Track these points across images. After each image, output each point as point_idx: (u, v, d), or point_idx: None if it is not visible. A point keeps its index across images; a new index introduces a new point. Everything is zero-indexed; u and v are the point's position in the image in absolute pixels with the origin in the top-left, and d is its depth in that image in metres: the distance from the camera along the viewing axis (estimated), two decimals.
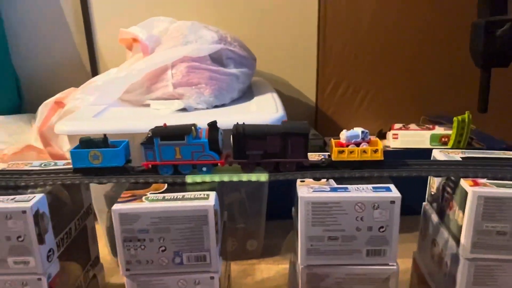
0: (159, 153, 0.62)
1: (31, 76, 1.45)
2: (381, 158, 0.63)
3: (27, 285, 0.60)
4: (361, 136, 0.64)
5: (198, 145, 0.62)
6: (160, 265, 0.58)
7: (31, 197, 0.59)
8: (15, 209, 0.56)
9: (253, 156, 0.63)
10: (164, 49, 1.06)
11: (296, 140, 0.62)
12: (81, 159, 0.63)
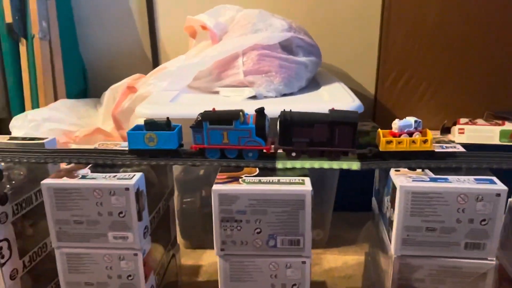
0: (207, 137, 0.63)
1: (95, 63, 1.50)
2: (430, 148, 0.61)
3: (124, 259, 0.62)
4: (414, 125, 0.62)
5: (245, 131, 0.62)
6: (254, 247, 0.59)
7: (132, 175, 0.61)
8: (119, 186, 0.59)
9: (299, 143, 0.62)
10: (234, 37, 1.06)
11: (344, 129, 0.61)
12: (137, 140, 0.65)
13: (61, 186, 0.59)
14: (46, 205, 0.61)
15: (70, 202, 0.60)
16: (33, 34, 1.28)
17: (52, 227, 0.62)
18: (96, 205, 0.60)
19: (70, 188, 0.59)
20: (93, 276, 0.63)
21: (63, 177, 0.61)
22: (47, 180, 0.60)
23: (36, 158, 0.67)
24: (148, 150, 0.65)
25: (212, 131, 0.63)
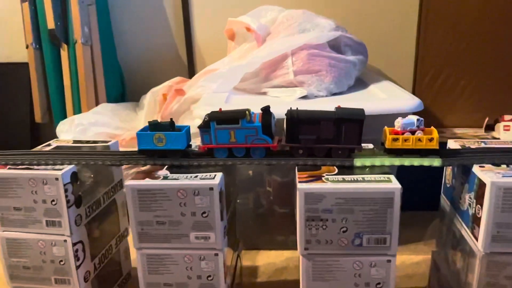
0: (215, 137, 0.64)
1: (131, 67, 1.51)
2: (436, 147, 0.61)
3: (205, 259, 0.63)
4: (416, 124, 0.63)
5: (251, 129, 0.63)
6: (339, 246, 0.58)
7: (213, 175, 0.61)
8: (204, 186, 0.59)
9: (306, 140, 0.63)
10: (281, 38, 1.06)
11: (350, 126, 0.62)
12: (146, 141, 0.66)
13: (145, 187, 0.60)
14: (129, 207, 0.61)
15: (154, 203, 0.60)
16: (75, 39, 1.29)
17: (134, 228, 0.62)
18: (180, 206, 0.60)
19: (154, 189, 0.60)
20: (173, 277, 0.64)
21: (144, 178, 0.61)
22: (130, 181, 0.60)
23: (111, 161, 0.67)
24: (157, 150, 0.66)
25: (219, 131, 0.64)
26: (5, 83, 1.47)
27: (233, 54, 1.17)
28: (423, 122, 0.63)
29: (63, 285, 0.70)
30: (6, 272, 0.71)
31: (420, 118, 0.63)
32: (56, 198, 0.66)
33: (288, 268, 0.92)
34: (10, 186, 0.66)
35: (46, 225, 0.67)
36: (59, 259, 0.69)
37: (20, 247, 0.69)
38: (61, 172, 0.65)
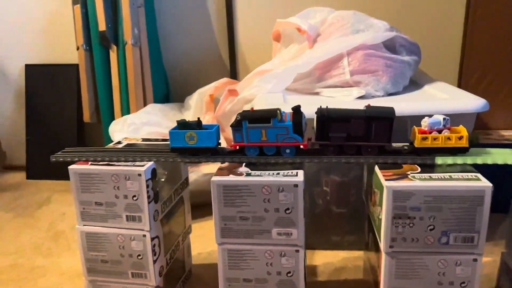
0: (247, 135, 0.65)
1: (174, 69, 1.54)
2: (466, 145, 0.61)
3: (285, 255, 0.63)
4: (443, 123, 0.63)
5: (282, 128, 0.64)
6: (425, 244, 0.58)
7: (295, 172, 0.62)
8: (288, 183, 0.60)
9: (336, 138, 0.64)
10: (335, 38, 1.07)
11: (380, 124, 0.62)
12: (178, 139, 0.68)
13: (230, 183, 0.61)
14: (214, 202, 0.62)
15: (238, 199, 0.61)
16: (126, 40, 1.32)
17: (217, 224, 0.63)
18: (264, 202, 0.61)
19: (240, 185, 0.61)
20: (253, 272, 0.65)
21: (228, 175, 0.62)
22: (216, 177, 0.62)
23: (190, 158, 0.69)
24: (188, 148, 0.68)
25: (251, 130, 0.65)
26: (54, 84, 1.51)
27: (283, 55, 1.18)
28: (449, 121, 0.64)
29: (139, 279, 0.72)
30: (84, 265, 0.73)
31: (446, 117, 0.63)
32: (137, 194, 0.67)
33: (347, 268, 0.92)
34: (93, 181, 0.68)
35: (126, 219, 0.69)
36: (137, 253, 0.70)
37: (100, 241, 0.71)
38: (144, 168, 0.66)
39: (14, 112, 1.59)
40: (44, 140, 1.53)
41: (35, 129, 1.53)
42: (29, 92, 1.53)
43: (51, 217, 1.21)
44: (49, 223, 1.18)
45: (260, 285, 0.65)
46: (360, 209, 0.99)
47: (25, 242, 1.08)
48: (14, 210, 1.27)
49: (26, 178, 1.53)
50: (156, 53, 1.45)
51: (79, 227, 0.71)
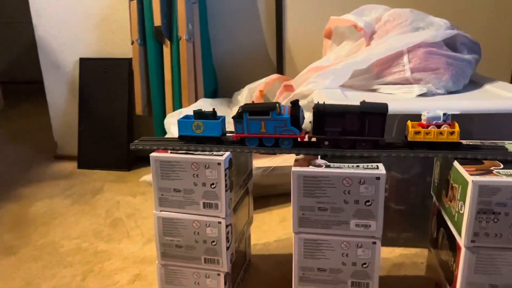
0: (247, 127, 0.69)
1: (222, 64, 1.56)
2: (457, 140, 0.63)
3: (362, 247, 0.64)
4: (443, 118, 0.65)
5: (281, 121, 0.67)
6: (508, 240, 0.58)
7: (375, 165, 0.63)
8: (370, 175, 0.61)
9: (331, 132, 0.66)
10: (394, 35, 1.07)
11: (374, 119, 0.65)
12: (186, 128, 0.72)
13: (311, 174, 0.63)
14: (293, 192, 0.64)
15: (318, 190, 0.63)
16: (180, 36, 1.35)
17: (295, 213, 0.65)
18: (344, 193, 0.62)
19: (320, 176, 0.62)
20: (328, 262, 0.66)
21: (307, 166, 0.64)
22: (297, 168, 0.63)
23: (265, 150, 0.70)
24: (195, 136, 0.72)
25: (251, 122, 0.69)
26: (106, 77, 1.56)
27: (338, 52, 1.19)
28: (450, 117, 0.65)
29: (212, 265, 0.74)
30: (159, 249, 0.76)
31: (446, 113, 0.65)
32: (216, 182, 0.70)
33: (405, 264, 0.93)
34: (173, 169, 0.71)
35: (203, 206, 0.72)
36: (211, 239, 0.73)
37: (175, 226, 0.74)
38: (223, 157, 0.69)
39: (67, 104, 1.65)
40: (95, 131, 1.59)
41: (87, 121, 1.59)
42: (82, 85, 1.59)
43: (106, 205, 1.26)
44: (105, 210, 1.23)
45: (334, 275, 0.66)
46: (418, 207, 0.99)
47: (85, 227, 1.13)
48: (70, 197, 1.33)
49: (78, 168, 1.59)
50: (207, 49, 1.48)
51: (156, 213, 0.74)
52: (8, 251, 1.03)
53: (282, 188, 1.26)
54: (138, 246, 1.03)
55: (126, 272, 0.92)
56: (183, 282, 0.77)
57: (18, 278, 0.92)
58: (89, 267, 0.95)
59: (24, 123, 2.22)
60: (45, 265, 0.96)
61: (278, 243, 1.03)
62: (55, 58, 1.61)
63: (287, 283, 0.87)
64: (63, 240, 1.07)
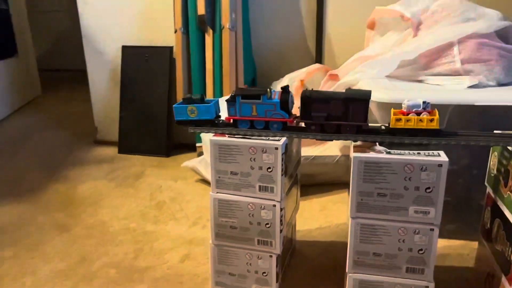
0: (239, 110, 0.73)
1: (261, 54, 1.58)
2: (436, 127, 0.65)
3: (419, 233, 0.65)
4: (422, 106, 0.67)
5: (271, 105, 0.71)
6: None
7: (436, 153, 0.64)
8: (431, 162, 0.62)
9: (317, 117, 0.70)
10: (444, 26, 1.06)
11: (357, 105, 0.67)
12: (181, 113, 0.76)
13: (372, 160, 0.64)
14: (353, 177, 0.65)
15: (378, 176, 0.64)
16: (223, 25, 1.37)
17: (354, 198, 0.66)
18: (404, 180, 0.63)
19: (381, 162, 0.63)
20: (384, 247, 0.67)
21: (366, 152, 0.65)
22: (357, 153, 0.64)
23: (322, 136, 0.72)
24: (190, 120, 0.76)
25: (243, 105, 0.72)
26: (148, 65, 1.60)
27: (384, 42, 1.18)
28: (430, 105, 0.67)
29: (265, 246, 0.76)
30: (213, 230, 0.79)
31: (426, 101, 0.67)
32: (272, 166, 0.72)
33: (451, 256, 0.93)
34: (231, 152, 0.73)
35: (258, 189, 0.74)
36: (265, 222, 0.75)
37: (231, 208, 0.76)
38: (280, 142, 0.70)
39: (109, 91, 1.70)
40: (135, 117, 1.63)
41: (128, 107, 1.64)
42: (124, 72, 1.63)
43: (149, 189, 1.30)
44: (149, 193, 1.27)
45: (389, 260, 0.67)
46: (464, 199, 0.98)
47: (132, 209, 1.17)
48: (114, 180, 1.38)
49: (118, 152, 1.64)
50: (247, 38, 1.50)
51: (213, 194, 0.77)
52: (62, 228, 1.08)
53: (321, 178, 1.27)
54: (184, 228, 1.06)
55: (175, 252, 0.96)
56: (235, 263, 0.79)
57: (74, 253, 0.96)
58: (139, 246, 0.99)
59: (62, 108, 2.29)
60: (98, 243, 1.00)
61: (321, 231, 1.04)
62: (99, 46, 1.65)
63: (333, 270, 0.89)
64: (112, 220, 1.11)
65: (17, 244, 1.00)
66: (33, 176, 1.41)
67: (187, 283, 0.85)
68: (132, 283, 0.86)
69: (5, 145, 1.72)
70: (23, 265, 0.92)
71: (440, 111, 0.76)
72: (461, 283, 0.84)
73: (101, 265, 0.92)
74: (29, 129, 1.94)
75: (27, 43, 2.41)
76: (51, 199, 1.24)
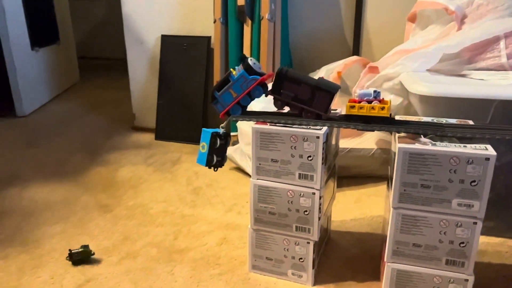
0: (223, 101, 0.77)
1: (297, 44, 1.58)
2: (386, 115, 0.70)
3: (461, 226, 0.65)
4: (373, 95, 0.71)
5: (240, 78, 0.75)
6: None
7: (483, 146, 0.63)
8: (479, 156, 0.61)
9: (285, 95, 0.74)
10: (489, 20, 1.03)
11: (323, 95, 0.71)
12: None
13: (418, 151, 0.64)
14: (397, 168, 0.66)
15: (423, 167, 0.64)
16: (262, 16, 1.38)
17: (397, 189, 0.67)
18: (449, 172, 0.63)
19: (427, 154, 0.63)
20: (424, 238, 0.67)
21: (411, 143, 0.65)
22: (403, 144, 0.65)
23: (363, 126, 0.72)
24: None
25: (222, 95, 0.77)
26: (186, 54, 1.63)
27: (426, 35, 1.17)
28: (380, 94, 0.71)
29: (303, 233, 0.78)
30: (252, 215, 0.81)
31: (377, 90, 0.71)
32: (313, 154, 0.73)
33: (488, 252, 0.92)
34: (272, 140, 0.75)
35: (298, 177, 0.75)
36: (304, 209, 0.77)
37: (270, 194, 0.78)
38: (322, 131, 0.72)
39: (147, 79, 1.75)
40: (172, 105, 1.67)
41: (165, 95, 1.68)
42: (162, 60, 1.67)
43: (186, 174, 1.34)
44: (186, 179, 1.31)
45: (429, 251, 0.68)
46: (504, 196, 0.97)
47: (170, 193, 1.22)
48: (152, 165, 1.42)
49: (155, 139, 1.69)
50: (285, 29, 1.50)
51: (253, 180, 0.79)
52: (104, 209, 1.13)
53: (355, 171, 1.27)
54: (220, 213, 1.09)
55: (213, 235, 0.99)
56: (273, 247, 0.82)
57: (117, 232, 1.01)
58: (178, 228, 1.03)
59: (100, 95, 2.37)
60: (139, 223, 1.05)
61: (355, 222, 1.05)
62: (139, 34, 1.70)
63: (368, 260, 0.90)
64: (151, 203, 1.16)
65: (64, 221, 1.06)
66: (75, 159, 1.47)
67: (225, 265, 0.88)
68: (173, 262, 0.89)
69: (48, 129, 1.80)
70: (71, 240, 0.98)
71: (484, 106, 0.76)
72: (499, 279, 0.84)
73: (143, 244, 0.96)
74: (69, 114, 2.02)
75: (68, 31, 2.50)
76: (93, 181, 1.30)
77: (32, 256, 0.92)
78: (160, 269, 0.88)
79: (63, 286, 0.83)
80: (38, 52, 2.10)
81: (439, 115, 0.84)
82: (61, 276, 0.86)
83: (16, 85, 1.91)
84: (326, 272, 0.86)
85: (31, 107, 2.02)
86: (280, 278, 0.83)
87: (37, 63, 2.09)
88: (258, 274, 0.85)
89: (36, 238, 0.99)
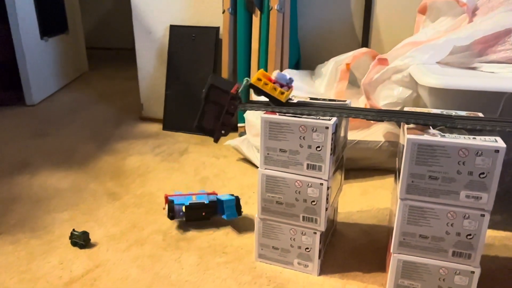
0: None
1: (306, 36, 1.57)
2: (282, 100, 0.78)
3: (469, 218, 0.65)
4: (287, 81, 0.77)
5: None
6: None
7: (493, 138, 0.63)
8: (488, 148, 0.61)
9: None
10: (501, 12, 1.02)
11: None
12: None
13: (426, 142, 0.64)
14: (405, 159, 0.66)
15: (431, 159, 0.64)
16: (271, 6, 1.38)
17: (404, 180, 0.67)
18: (458, 164, 0.63)
19: (436, 145, 0.63)
20: (431, 230, 0.68)
21: (420, 134, 0.65)
22: (412, 135, 0.65)
23: (373, 116, 0.72)
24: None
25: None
26: (194, 44, 1.63)
27: (436, 27, 1.16)
28: (293, 81, 0.78)
29: (310, 223, 0.79)
30: (260, 204, 0.82)
31: (292, 78, 0.77)
32: (322, 145, 0.73)
33: (495, 246, 0.92)
34: (281, 130, 0.75)
35: (306, 167, 0.76)
36: (311, 199, 0.77)
37: (278, 184, 0.79)
38: (331, 122, 0.72)
39: (155, 69, 1.75)
40: (180, 95, 1.68)
41: (173, 86, 1.68)
42: (171, 51, 1.67)
43: (193, 165, 1.35)
44: (193, 169, 1.32)
45: (435, 243, 0.68)
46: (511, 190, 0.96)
47: (177, 182, 1.22)
48: (160, 155, 1.43)
49: (162, 129, 1.69)
50: (294, 20, 1.50)
51: (261, 170, 0.79)
52: (113, 197, 1.14)
53: (363, 163, 1.27)
54: None
55: (219, 224, 1.00)
56: (279, 237, 0.82)
57: (125, 220, 1.02)
58: None
59: (108, 85, 2.38)
60: (147, 211, 1.06)
61: (361, 214, 1.05)
62: (147, 24, 1.70)
63: (374, 251, 0.90)
64: (159, 191, 1.17)
65: (73, 208, 1.08)
66: (84, 147, 1.49)
67: (231, 253, 0.89)
68: (180, 250, 0.90)
69: (57, 118, 1.82)
70: (79, 227, 0.99)
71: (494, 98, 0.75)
72: (505, 272, 0.84)
73: (150, 232, 0.97)
74: (78, 103, 2.04)
75: (77, 21, 2.50)
76: (102, 169, 1.31)
77: (42, 242, 0.94)
78: (167, 256, 0.89)
79: (72, 271, 0.85)
80: (48, 42, 2.11)
81: (448, 107, 0.84)
82: (70, 261, 0.87)
83: (26, 75, 1.93)
84: (332, 262, 0.86)
85: (40, 96, 2.04)
86: (286, 267, 0.84)
87: (46, 53, 2.10)
88: (264, 263, 0.86)
89: (45, 224, 1.01)
